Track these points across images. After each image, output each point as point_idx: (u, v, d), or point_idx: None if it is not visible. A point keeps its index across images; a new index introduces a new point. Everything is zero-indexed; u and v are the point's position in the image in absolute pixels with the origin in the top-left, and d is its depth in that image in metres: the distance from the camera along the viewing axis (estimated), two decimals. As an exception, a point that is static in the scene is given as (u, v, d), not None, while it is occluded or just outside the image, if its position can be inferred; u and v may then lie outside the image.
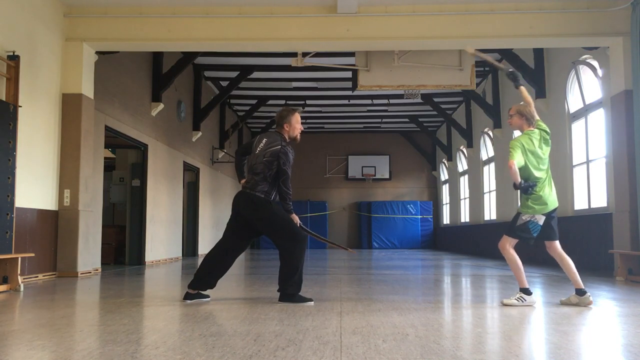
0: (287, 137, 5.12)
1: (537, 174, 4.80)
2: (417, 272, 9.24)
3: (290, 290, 4.94)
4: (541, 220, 4.82)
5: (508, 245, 4.93)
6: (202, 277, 5.10)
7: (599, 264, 9.17)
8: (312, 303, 4.89)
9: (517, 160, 4.69)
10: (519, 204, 4.97)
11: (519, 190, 4.82)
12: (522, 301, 4.81)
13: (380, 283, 7.11)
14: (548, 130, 5.01)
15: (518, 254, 4.99)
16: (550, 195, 4.85)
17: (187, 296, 5.13)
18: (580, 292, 4.81)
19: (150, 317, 4.35)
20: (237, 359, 2.82)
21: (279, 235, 5.00)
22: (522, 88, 5.26)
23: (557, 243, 4.96)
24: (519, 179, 4.69)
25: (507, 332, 3.69)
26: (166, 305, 4.90)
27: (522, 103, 5.18)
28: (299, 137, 5.20)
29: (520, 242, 4.98)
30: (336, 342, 3.23)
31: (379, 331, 3.58)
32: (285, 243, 4.97)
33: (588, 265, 9.57)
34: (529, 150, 4.81)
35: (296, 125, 5.16)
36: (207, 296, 5.20)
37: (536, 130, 4.95)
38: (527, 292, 4.86)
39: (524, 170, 4.78)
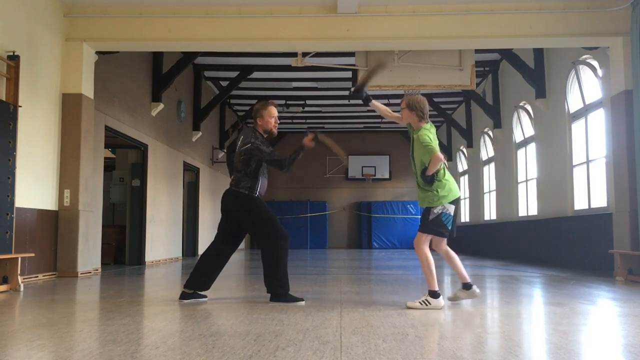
0: (261, 132, 5.09)
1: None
2: (417, 272, 9.24)
3: (279, 290, 4.95)
4: (451, 209, 4.72)
5: (422, 243, 4.79)
6: (197, 278, 5.11)
7: (599, 264, 9.17)
8: (303, 303, 4.88)
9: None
10: (423, 200, 4.78)
11: (423, 182, 4.70)
12: (426, 304, 4.58)
13: (380, 283, 7.11)
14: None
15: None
16: (453, 183, 4.78)
17: (183, 296, 5.13)
18: (467, 286, 4.85)
19: (150, 317, 4.35)
20: (237, 359, 2.82)
21: (261, 230, 5.00)
22: (373, 104, 5.05)
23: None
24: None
25: (507, 332, 3.69)
26: (166, 305, 4.90)
27: (414, 95, 4.97)
28: (274, 130, 5.14)
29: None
30: (336, 342, 3.23)
31: (379, 331, 3.58)
32: (267, 239, 4.97)
33: (588, 265, 9.57)
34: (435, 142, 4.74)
35: (269, 119, 5.09)
36: (204, 296, 5.20)
37: (429, 124, 4.85)
38: (435, 295, 4.63)
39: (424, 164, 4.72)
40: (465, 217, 18.84)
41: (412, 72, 9.89)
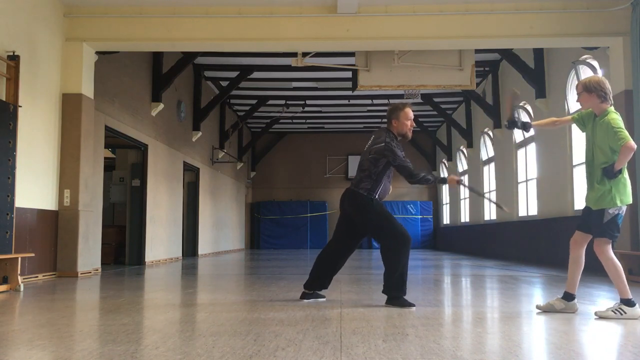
0: (395, 134, 4.96)
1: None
2: (417, 272, 9.24)
3: (392, 293, 4.82)
4: (624, 212, 4.18)
5: (606, 249, 4.28)
6: (315, 277, 5.11)
7: (598, 264, 9.15)
8: (413, 308, 4.67)
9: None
10: (597, 200, 4.24)
11: (601, 177, 4.16)
12: (621, 313, 4.11)
13: (380, 283, 7.07)
14: None
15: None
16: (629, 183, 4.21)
17: (304, 296, 5.12)
18: (570, 298, 4.49)
19: (150, 317, 4.35)
20: (237, 359, 2.82)
21: (379, 234, 4.93)
22: (534, 124, 4.75)
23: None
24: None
25: (507, 332, 3.69)
26: (166, 306, 4.90)
27: (591, 76, 4.34)
28: (409, 134, 5.01)
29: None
30: (336, 342, 3.23)
31: (379, 331, 3.58)
32: (386, 242, 4.88)
33: (588, 265, 9.53)
34: None
35: (405, 121, 4.94)
36: (323, 296, 5.18)
37: (612, 109, 4.19)
38: (630, 303, 4.14)
39: (615, 154, 4.12)
40: (465, 217, 18.84)
41: (412, 72, 9.89)
